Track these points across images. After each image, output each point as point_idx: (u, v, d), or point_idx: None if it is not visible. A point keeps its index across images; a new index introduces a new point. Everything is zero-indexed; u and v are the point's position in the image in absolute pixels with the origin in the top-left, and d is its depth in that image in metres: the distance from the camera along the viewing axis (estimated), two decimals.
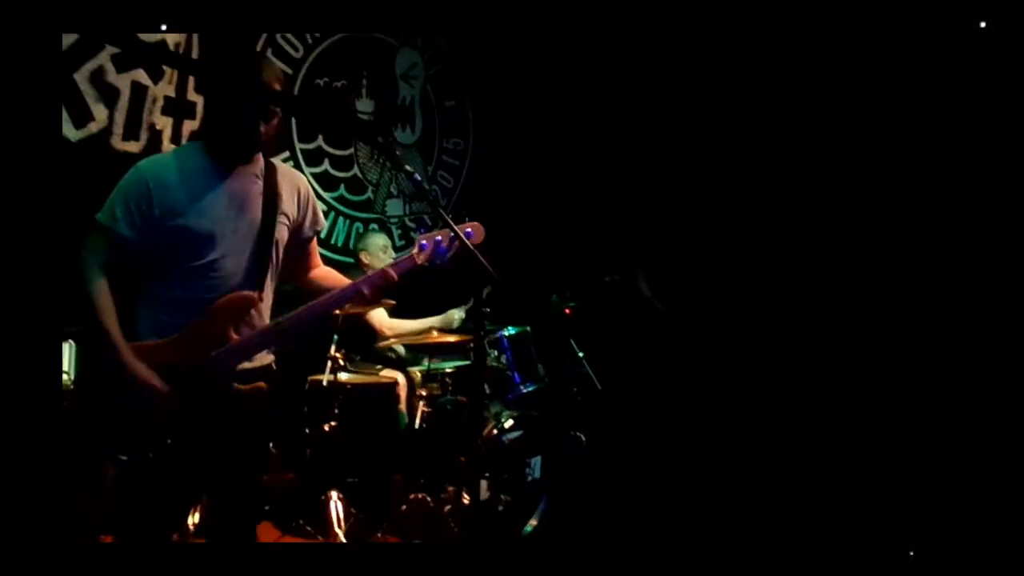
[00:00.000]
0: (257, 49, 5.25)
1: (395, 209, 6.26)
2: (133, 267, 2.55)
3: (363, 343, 4.91)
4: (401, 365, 5.13)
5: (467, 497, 4.33)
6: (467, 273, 2.60)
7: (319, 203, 2.93)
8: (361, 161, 5.99)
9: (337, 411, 4.38)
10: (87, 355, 3.75)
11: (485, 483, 4.17)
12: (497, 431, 4.37)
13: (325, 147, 5.78)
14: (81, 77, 4.46)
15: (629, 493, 4.21)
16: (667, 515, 4.02)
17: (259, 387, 2.59)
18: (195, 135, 4.87)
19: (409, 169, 2.63)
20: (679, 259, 5.24)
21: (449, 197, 6.62)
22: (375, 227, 6.01)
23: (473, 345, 4.63)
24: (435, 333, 4.73)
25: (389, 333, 4.86)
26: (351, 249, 5.67)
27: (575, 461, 4.27)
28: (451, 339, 4.68)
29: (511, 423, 4.42)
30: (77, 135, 4.46)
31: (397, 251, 5.55)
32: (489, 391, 4.57)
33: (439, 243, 2.66)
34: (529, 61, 6.32)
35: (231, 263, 2.56)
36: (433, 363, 4.92)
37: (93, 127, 4.53)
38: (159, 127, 4.80)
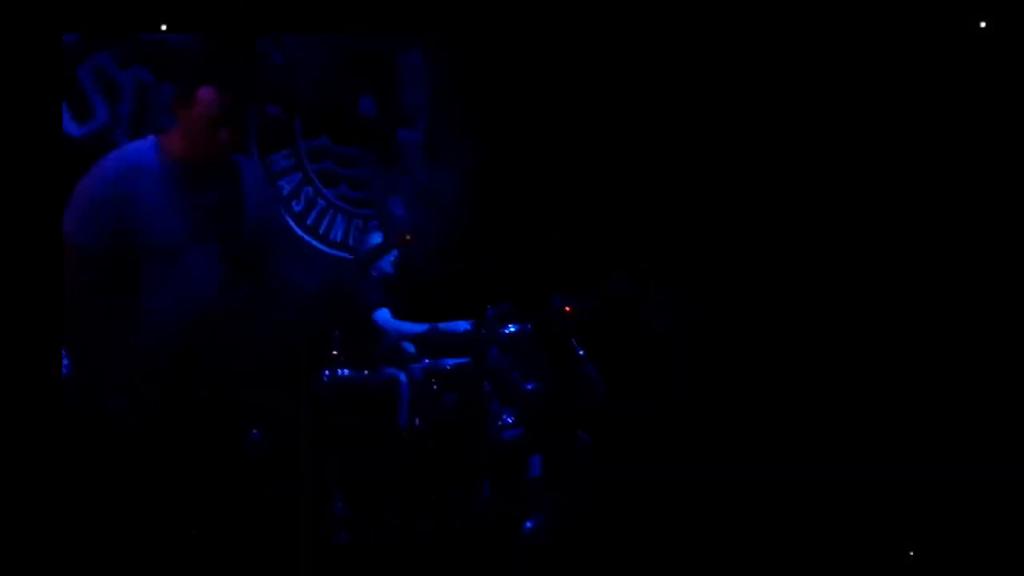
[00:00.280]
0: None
1: (395, 206, 6.26)
2: None
3: (364, 342, 4.91)
4: (402, 364, 5.12)
5: (467, 497, 4.34)
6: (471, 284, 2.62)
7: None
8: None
9: (337, 410, 4.39)
10: None
11: (486, 483, 4.18)
12: (498, 430, 4.38)
13: (328, 145, 5.82)
14: (84, 73, 4.47)
15: (631, 493, 4.22)
16: (667, 514, 4.03)
17: None
18: None
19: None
20: (678, 259, 5.25)
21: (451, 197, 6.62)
22: (376, 224, 6.03)
23: (473, 344, 4.64)
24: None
25: (392, 334, 4.86)
26: (349, 246, 5.72)
27: (576, 460, 4.28)
28: (452, 338, 4.69)
29: (512, 422, 4.43)
30: (80, 131, 4.47)
31: None
32: (489, 390, 4.58)
33: None
34: (529, 61, 6.31)
35: None
36: (434, 361, 4.92)
37: (96, 124, 4.53)
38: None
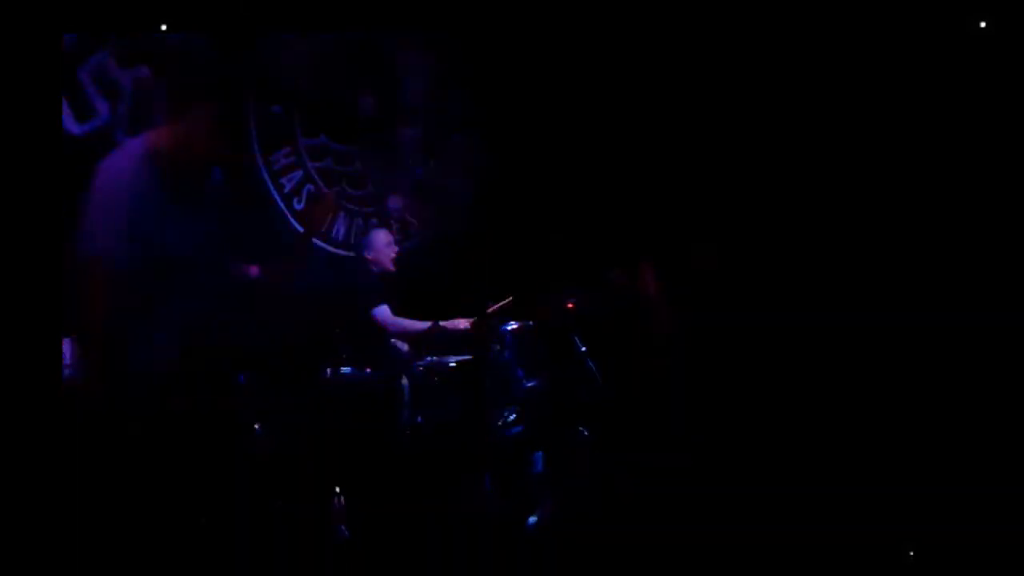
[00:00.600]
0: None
1: (394, 204, 6.27)
2: None
3: (366, 340, 4.91)
4: (403, 362, 5.13)
5: (470, 493, 4.35)
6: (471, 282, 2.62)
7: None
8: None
9: (338, 408, 4.40)
10: None
11: (488, 479, 4.19)
12: (499, 426, 4.39)
13: (328, 143, 5.82)
14: (84, 73, 4.47)
15: (634, 489, 4.23)
16: (667, 513, 4.04)
17: None
18: None
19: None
20: (679, 259, 5.25)
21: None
22: (375, 222, 6.03)
23: (475, 341, 4.65)
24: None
25: (392, 330, 4.87)
26: (352, 244, 5.73)
27: (578, 456, 4.29)
28: (453, 335, 4.70)
29: (513, 418, 4.44)
30: (81, 129, 4.47)
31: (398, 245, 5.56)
32: (491, 386, 4.58)
33: None
34: (529, 59, 6.31)
35: None
36: (435, 359, 4.93)
37: (97, 122, 4.53)
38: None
